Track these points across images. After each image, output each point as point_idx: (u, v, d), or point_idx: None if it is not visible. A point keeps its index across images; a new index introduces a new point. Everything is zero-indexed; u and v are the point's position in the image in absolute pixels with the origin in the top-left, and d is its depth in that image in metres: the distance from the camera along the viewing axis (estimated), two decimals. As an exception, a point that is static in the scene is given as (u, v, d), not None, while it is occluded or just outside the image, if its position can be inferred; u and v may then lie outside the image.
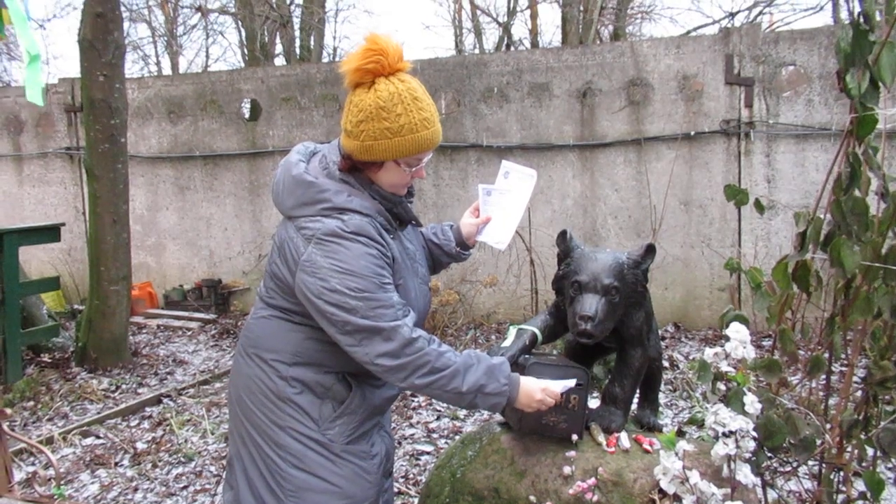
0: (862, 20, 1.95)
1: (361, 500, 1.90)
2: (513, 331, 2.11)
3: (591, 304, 1.94)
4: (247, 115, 7.79)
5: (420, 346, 1.71)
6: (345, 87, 1.78)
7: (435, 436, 4.26)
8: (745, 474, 1.78)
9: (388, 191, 1.84)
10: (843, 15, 11.67)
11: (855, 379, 2.28)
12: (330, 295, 1.69)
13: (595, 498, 1.87)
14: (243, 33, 14.67)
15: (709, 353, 1.88)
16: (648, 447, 2.01)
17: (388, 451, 2.05)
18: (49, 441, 4.18)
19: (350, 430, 1.88)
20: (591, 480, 1.90)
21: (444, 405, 4.76)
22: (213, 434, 4.32)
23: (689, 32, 12.84)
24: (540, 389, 1.82)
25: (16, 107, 8.43)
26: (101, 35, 5.45)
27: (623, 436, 2.03)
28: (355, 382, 1.89)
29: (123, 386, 5.36)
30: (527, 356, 2.04)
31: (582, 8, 12.48)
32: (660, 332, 2.66)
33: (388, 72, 1.73)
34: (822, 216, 2.03)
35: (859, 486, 2.01)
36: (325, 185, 1.78)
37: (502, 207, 2.17)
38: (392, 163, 1.78)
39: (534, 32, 14.47)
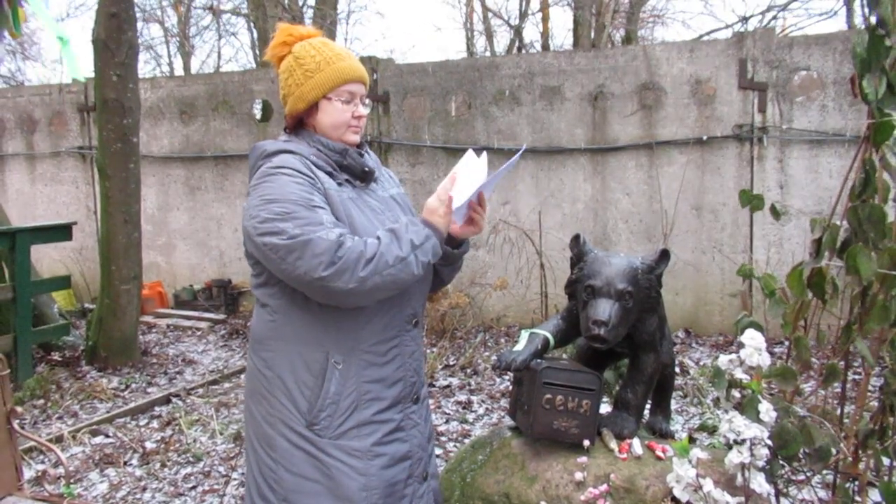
0: (878, 25, 1.93)
1: (358, 502, 1.81)
2: (525, 335, 2.09)
3: (604, 308, 1.93)
4: (258, 116, 7.80)
5: (348, 244, 1.70)
6: (275, 73, 1.97)
7: (444, 439, 4.24)
8: (759, 483, 1.76)
9: (333, 135, 1.90)
10: (858, 20, 11.59)
11: (870, 388, 2.25)
12: (261, 226, 1.73)
13: (607, 505, 1.85)
14: (255, 34, 14.73)
15: (724, 359, 1.86)
16: (661, 454, 1.99)
17: (409, 454, 1.93)
18: (59, 439, 4.20)
19: (338, 422, 1.82)
20: (604, 487, 1.88)
21: (452, 408, 4.74)
22: (221, 434, 4.32)
23: (701, 37, 12.79)
24: (437, 199, 1.84)
25: (29, 106, 8.48)
26: (114, 35, 5.48)
27: (635, 442, 2.01)
28: (335, 363, 1.82)
29: (133, 385, 5.38)
30: (539, 360, 2.03)
31: (594, 11, 12.45)
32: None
33: (299, 41, 1.93)
34: (838, 223, 2.01)
35: (874, 496, 1.99)
36: (264, 144, 1.90)
37: (461, 189, 1.90)
38: (325, 101, 1.88)
39: (545, 35, 14.46)
